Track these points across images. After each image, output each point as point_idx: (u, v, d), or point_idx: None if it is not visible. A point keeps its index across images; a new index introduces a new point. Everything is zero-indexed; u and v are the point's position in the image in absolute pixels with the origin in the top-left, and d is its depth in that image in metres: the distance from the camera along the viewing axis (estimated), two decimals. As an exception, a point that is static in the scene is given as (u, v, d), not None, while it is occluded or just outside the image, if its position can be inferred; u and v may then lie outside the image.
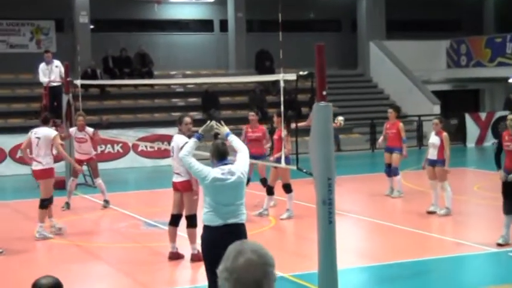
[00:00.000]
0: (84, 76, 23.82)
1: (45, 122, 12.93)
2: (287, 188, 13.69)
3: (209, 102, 26.21)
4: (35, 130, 12.83)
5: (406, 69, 29.93)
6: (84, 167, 16.63)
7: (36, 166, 12.45)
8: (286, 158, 12.08)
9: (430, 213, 13.72)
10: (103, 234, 13.58)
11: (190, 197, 10.35)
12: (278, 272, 9.55)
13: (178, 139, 10.36)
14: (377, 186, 17.10)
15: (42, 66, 19.04)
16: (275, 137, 13.87)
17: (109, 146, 22.35)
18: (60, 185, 17.20)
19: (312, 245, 8.56)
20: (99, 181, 15.30)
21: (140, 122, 25.17)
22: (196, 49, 30.17)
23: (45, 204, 12.50)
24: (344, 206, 14.01)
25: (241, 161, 7.70)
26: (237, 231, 7.40)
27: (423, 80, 30.20)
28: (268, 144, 14.69)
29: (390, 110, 16.22)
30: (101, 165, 16.68)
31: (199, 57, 29.90)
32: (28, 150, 12.81)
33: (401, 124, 15.90)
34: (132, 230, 13.12)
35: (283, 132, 12.54)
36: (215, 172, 7.51)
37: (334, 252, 7.70)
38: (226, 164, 7.55)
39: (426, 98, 28.94)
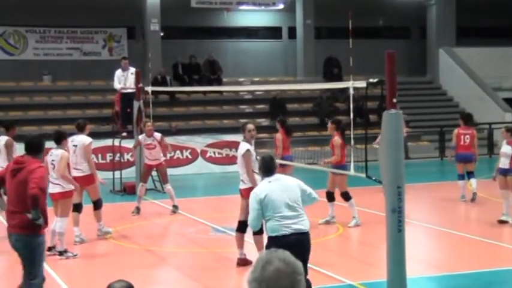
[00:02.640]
0: (155, 83, 24.27)
1: (80, 129, 12.86)
2: (345, 196, 13.61)
3: (277, 109, 26.05)
4: (71, 138, 12.70)
5: (476, 76, 29.42)
6: (154, 173, 16.73)
7: (77, 173, 12.46)
8: (341, 165, 12.25)
9: (502, 222, 13.42)
10: (172, 239, 13.67)
11: None
12: (345, 280, 9.64)
13: (241, 146, 10.55)
14: (447, 194, 16.89)
15: (118, 72, 19.19)
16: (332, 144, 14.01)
17: (178, 152, 22.39)
18: (131, 190, 17.55)
19: (381, 253, 8.47)
20: (168, 187, 15.36)
21: (209, 128, 25.25)
22: (264, 56, 30.27)
23: (98, 204, 12.83)
24: (413, 215, 13.82)
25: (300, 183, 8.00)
26: (301, 239, 7.53)
27: (494, 87, 29.62)
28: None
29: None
30: (170, 171, 16.76)
31: (268, 64, 29.98)
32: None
33: (454, 130, 16.43)
34: (201, 236, 13.15)
35: (335, 140, 12.91)
36: (263, 186, 7.81)
37: (403, 261, 7.59)
38: (272, 175, 7.86)
39: (497, 106, 28.40)
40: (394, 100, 7.78)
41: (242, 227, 10.47)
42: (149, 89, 18.09)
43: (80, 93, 26.48)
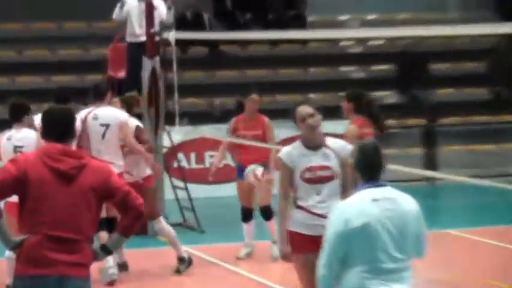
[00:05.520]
0: (182, 24, 20.44)
1: (100, 96, 13.13)
2: None
3: (409, 73, 22.65)
4: (92, 112, 13.47)
5: None
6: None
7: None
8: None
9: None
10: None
11: None
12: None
13: None
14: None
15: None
16: None
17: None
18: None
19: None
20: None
21: (281, 109, 19.07)
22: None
23: None
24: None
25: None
26: None
27: None
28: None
29: None
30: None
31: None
32: None
33: None
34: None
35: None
36: (362, 206, 5.87)
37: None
38: (379, 185, 5.88)
39: None
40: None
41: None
42: (171, 36, 15.83)
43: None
